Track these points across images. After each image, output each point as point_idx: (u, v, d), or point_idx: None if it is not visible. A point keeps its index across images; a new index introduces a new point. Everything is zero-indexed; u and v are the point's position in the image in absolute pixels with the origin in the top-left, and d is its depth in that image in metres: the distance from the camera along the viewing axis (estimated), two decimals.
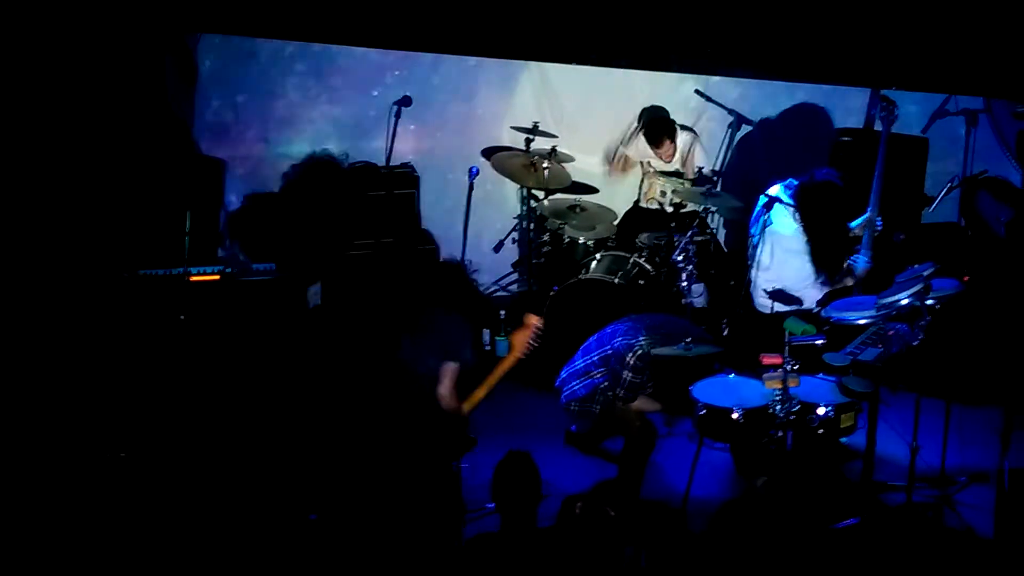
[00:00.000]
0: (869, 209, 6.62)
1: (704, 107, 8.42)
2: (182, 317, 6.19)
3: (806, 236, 6.41)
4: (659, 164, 8.05)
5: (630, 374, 6.06)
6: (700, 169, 7.87)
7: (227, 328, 6.47)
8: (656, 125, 7.97)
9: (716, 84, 8.47)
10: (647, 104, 8.28)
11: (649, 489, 6.17)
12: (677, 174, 7.94)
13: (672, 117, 8.07)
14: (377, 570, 5.12)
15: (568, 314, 7.30)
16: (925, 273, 5.66)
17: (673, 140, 7.95)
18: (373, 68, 8.33)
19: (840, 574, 5.50)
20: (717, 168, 7.91)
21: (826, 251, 6.47)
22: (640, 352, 6.04)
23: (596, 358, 6.14)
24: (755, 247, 6.51)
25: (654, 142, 7.94)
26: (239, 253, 7.05)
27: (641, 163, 8.18)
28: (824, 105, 8.68)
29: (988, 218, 7.47)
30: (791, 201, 6.42)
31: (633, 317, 6.29)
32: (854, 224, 6.67)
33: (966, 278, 6.03)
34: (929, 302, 5.62)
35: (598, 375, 6.10)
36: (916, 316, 5.62)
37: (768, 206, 6.37)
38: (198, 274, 6.51)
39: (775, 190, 6.53)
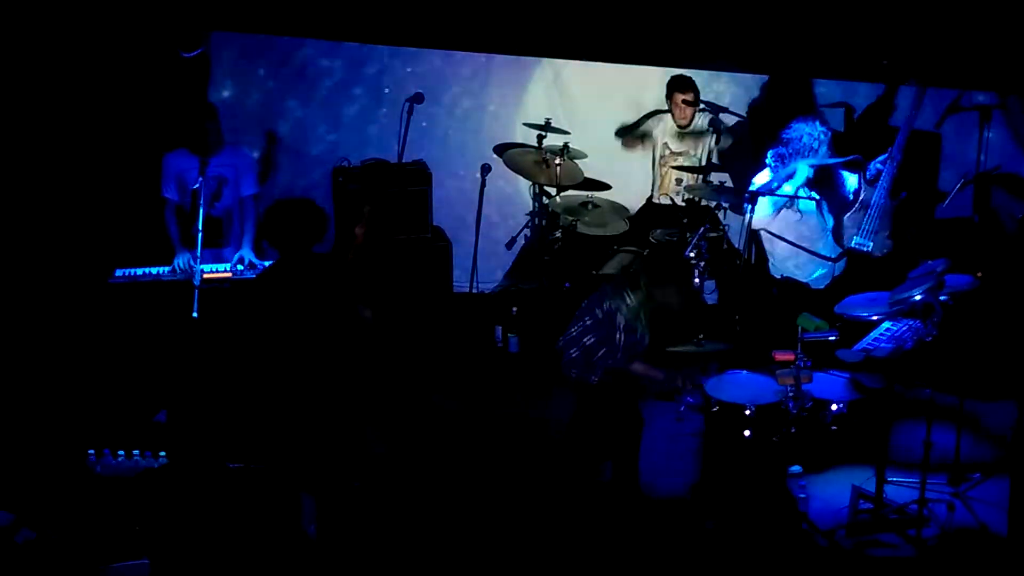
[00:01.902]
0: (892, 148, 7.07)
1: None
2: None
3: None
4: (675, 145, 7.95)
5: (622, 335, 5.87)
6: (710, 158, 7.83)
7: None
8: (682, 76, 7.95)
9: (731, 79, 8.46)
10: (657, 103, 8.23)
11: (659, 485, 6.19)
12: (696, 169, 7.85)
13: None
14: None
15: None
16: (938, 269, 5.66)
17: (695, 93, 7.88)
18: (385, 65, 8.33)
19: (852, 571, 5.51)
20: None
21: None
22: (627, 310, 5.86)
23: (589, 322, 5.94)
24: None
25: (677, 88, 7.89)
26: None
27: (653, 150, 8.09)
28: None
29: (1002, 214, 7.44)
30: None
31: (618, 276, 6.18)
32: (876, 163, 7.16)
33: (979, 274, 6.01)
34: (942, 298, 5.61)
35: (590, 339, 5.90)
36: (929, 312, 5.60)
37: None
38: (210, 272, 6.55)
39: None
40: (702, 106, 7.90)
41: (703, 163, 7.86)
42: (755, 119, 8.34)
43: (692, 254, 7.29)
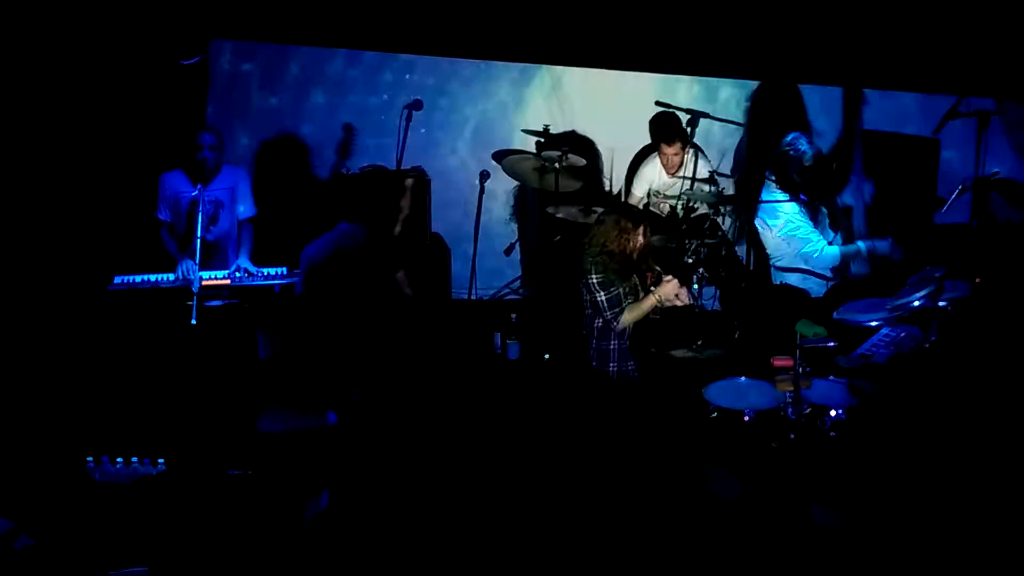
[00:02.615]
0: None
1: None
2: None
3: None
4: (665, 183, 7.90)
5: (602, 294, 6.31)
6: (712, 173, 7.82)
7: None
8: (664, 122, 7.84)
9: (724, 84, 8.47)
10: (656, 108, 8.21)
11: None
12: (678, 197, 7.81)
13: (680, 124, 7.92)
14: None
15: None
16: (937, 275, 5.66)
17: (683, 141, 7.79)
18: (383, 71, 8.34)
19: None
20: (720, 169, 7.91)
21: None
22: (594, 269, 6.32)
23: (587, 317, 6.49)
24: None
25: (664, 139, 7.78)
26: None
27: (649, 194, 8.02)
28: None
29: (1000, 220, 7.45)
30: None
31: None
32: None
33: (977, 280, 6.01)
34: (941, 304, 5.62)
35: (598, 322, 6.43)
36: (928, 318, 5.61)
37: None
38: (209, 279, 6.55)
39: None
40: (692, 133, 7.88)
41: (692, 179, 7.77)
42: (754, 128, 8.36)
43: (691, 261, 7.29)
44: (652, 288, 6.44)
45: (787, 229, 7.04)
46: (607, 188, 8.41)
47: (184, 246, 6.73)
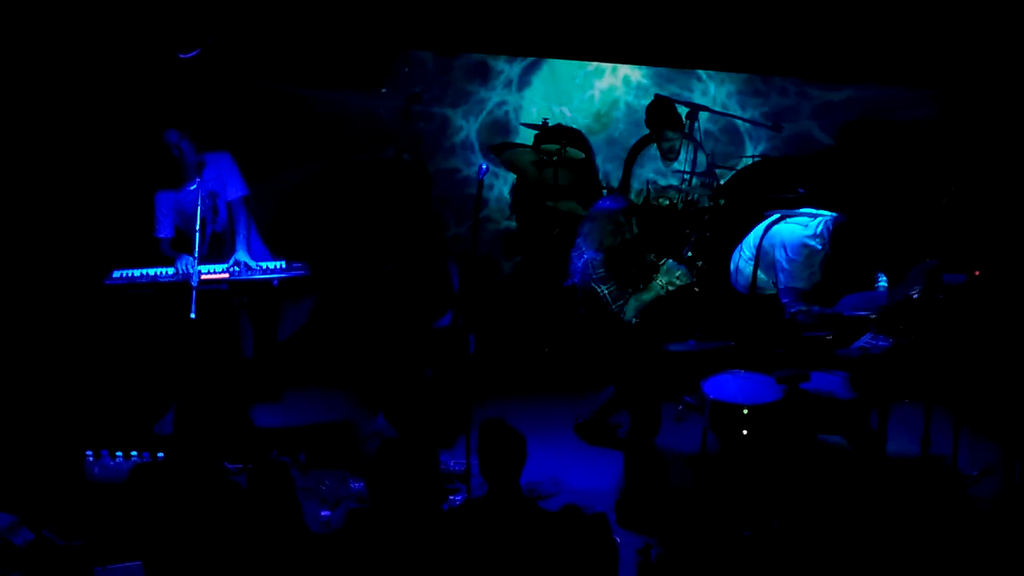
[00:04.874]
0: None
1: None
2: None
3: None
4: (663, 173, 7.87)
5: (603, 288, 6.30)
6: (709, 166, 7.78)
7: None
8: (663, 107, 7.75)
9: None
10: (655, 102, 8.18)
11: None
12: (677, 189, 7.77)
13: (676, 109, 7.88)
14: None
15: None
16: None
17: (681, 127, 7.75)
18: (382, 64, 8.32)
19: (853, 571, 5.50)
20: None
21: None
22: (596, 263, 6.33)
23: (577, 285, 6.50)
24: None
25: (667, 124, 7.78)
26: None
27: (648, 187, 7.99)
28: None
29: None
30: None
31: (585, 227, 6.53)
32: None
33: (976, 272, 6.00)
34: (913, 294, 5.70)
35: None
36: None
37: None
38: (207, 273, 6.53)
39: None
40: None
41: (691, 174, 7.73)
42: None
43: (690, 254, 7.28)
44: (653, 276, 6.43)
45: None
46: (605, 182, 8.40)
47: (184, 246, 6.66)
